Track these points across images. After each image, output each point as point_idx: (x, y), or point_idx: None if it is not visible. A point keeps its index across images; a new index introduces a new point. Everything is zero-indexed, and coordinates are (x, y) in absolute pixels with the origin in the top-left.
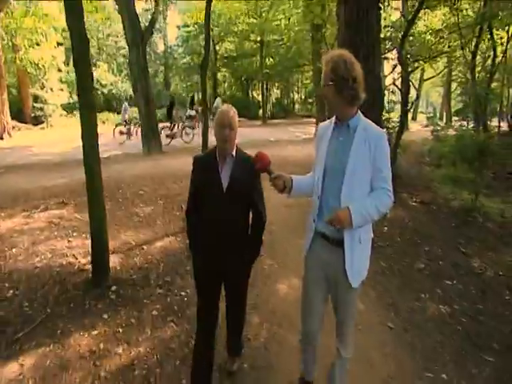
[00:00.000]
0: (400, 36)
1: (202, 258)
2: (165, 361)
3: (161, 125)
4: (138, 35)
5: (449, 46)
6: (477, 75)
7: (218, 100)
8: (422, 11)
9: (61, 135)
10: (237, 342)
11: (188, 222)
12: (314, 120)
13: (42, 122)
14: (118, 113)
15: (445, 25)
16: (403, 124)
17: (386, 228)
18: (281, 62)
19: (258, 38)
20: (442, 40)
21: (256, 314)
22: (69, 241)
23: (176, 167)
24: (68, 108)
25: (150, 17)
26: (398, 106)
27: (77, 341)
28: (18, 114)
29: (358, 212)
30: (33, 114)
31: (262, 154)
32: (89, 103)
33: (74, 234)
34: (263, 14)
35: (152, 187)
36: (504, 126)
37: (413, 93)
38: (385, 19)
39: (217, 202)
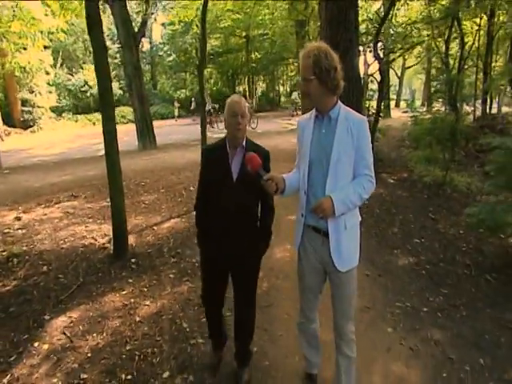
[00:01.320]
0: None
1: (211, 249)
2: (186, 307)
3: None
4: (131, 37)
5: (427, 35)
6: (452, 63)
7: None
8: (399, 3)
9: (53, 137)
10: (245, 349)
11: (197, 214)
12: (300, 113)
13: (31, 126)
14: None
15: (421, 17)
16: (379, 111)
17: (366, 202)
18: (266, 56)
19: (244, 34)
20: (416, 31)
21: None
22: (86, 226)
23: (171, 161)
24: (57, 111)
25: (140, 19)
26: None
27: (110, 298)
28: (7, 118)
29: (339, 200)
30: (22, 118)
31: (252, 156)
32: (109, 102)
33: (90, 221)
34: (248, 10)
35: (152, 179)
36: (478, 110)
37: (396, 81)
38: (367, 10)
39: (228, 192)
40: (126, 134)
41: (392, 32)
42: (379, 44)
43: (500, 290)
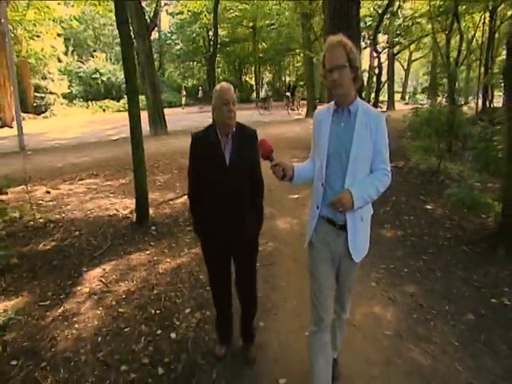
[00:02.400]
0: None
1: (211, 237)
2: (201, 264)
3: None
4: (144, 27)
5: (433, 32)
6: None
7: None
8: None
9: (66, 123)
10: (249, 326)
11: (191, 203)
12: (305, 102)
13: (44, 112)
14: (118, 100)
15: (421, 12)
16: (377, 101)
17: None
18: (273, 47)
19: (251, 24)
20: (419, 26)
21: (263, 238)
22: (109, 199)
23: (182, 145)
24: (68, 97)
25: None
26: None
27: (136, 256)
28: (20, 104)
29: (359, 194)
30: (34, 104)
31: (265, 142)
32: (134, 89)
33: (111, 195)
34: (255, 1)
35: (165, 162)
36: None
37: (402, 73)
38: (373, 3)
39: (222, 177)
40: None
41: (395, 26)
42: (383, 37)
43: (473, 258)
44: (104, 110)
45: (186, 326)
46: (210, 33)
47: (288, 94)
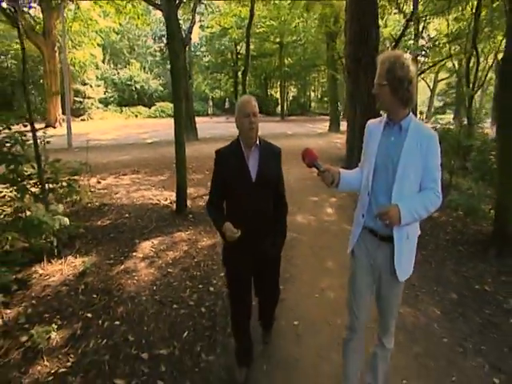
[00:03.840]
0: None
1: (233, 248)
2: None
3: None
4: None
5: (450, 55)
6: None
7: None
8: (424, 21)
9: (102, 126)
10: (269, 318)
11: (210, 214)
12: (328, 117)
13: (82, 115)
14: (149, 107)
15: (441, 35)
16: None
17: None
18: (298, 62)
19: (277, 40)
20: (439, 48)
21: None
22: (151, 191)
23: (210, 150)
24: (104, 102)
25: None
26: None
27: (178, 235)
28: (61, 107)
29: (407, 210)
30: (74, 107)
31: (310, 150)
32: (179, 97)
33: (153, 188)
34: (283, 17)
35: (197, 164)
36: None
37: (428, 93)
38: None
39: (246, 191)
40: (170, 126)
41: (419, 46)
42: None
43: (466, 256)
44: (136, 116)
45: (221, 284)
46: (238, 47)
47: None
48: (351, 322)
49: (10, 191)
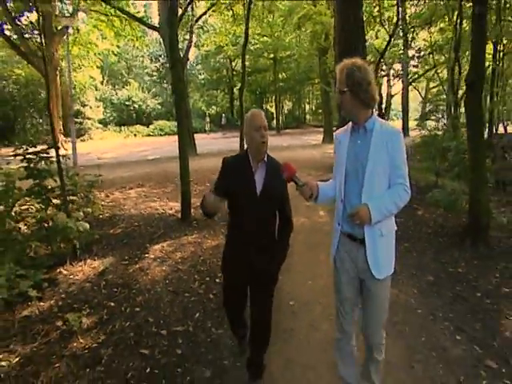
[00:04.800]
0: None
1: (231, 258)
2: None
3: None
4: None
5: (434, 65)
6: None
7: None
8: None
9: (102, 145)
10: (260, 357)
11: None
12: (322, 129)
13: (82, 135)
14: (147, 126)
15: (423, 48)
16: None
17: None
18: (292, 76)
19: (271, 55)
20: (429, 57)
21: None
22: (157, 202)
23: (211, 164)
24: (103, 122)
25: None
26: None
27: (185, 238)
28: (62, 128)
29: (376, 208)
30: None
31: (288, 165)
32: (182, 115)
33: (158, 200)
34: (276, 34)
35: (197, 177)
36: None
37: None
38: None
39: (250, 205)
40: (169, 144)
41: (409, 56)
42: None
43: (444, 246)
44: (135, 135)
45: None
46: (233, 63)
47: None
48: (339, 323)
49: (35, 203)
